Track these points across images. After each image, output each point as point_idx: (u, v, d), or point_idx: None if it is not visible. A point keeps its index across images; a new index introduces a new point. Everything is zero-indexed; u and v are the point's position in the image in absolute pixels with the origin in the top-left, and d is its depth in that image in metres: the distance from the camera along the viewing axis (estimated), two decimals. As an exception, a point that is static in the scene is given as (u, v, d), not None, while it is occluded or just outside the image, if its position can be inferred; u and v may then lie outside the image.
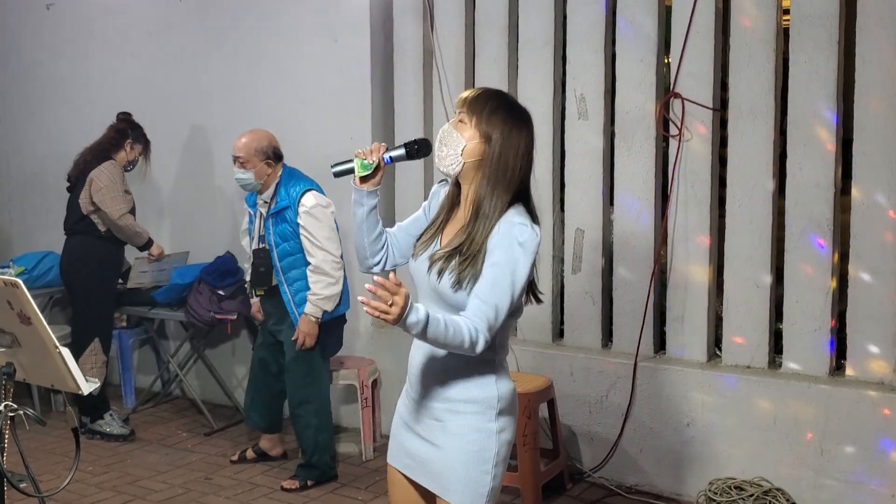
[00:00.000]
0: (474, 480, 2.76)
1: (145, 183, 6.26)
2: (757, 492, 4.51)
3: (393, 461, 2.98)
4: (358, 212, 2.88)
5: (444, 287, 2.71)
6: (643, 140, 5.07)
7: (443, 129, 2.80)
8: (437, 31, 5.66)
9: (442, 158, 2.76)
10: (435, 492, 2.83)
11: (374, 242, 2.92)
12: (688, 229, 4.99)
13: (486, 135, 2.72)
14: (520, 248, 2.68)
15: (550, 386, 5.01)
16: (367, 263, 2.96)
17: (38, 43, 7.31)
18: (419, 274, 2.81)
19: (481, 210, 2.71)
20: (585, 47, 5.20)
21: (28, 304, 2.58)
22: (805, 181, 4.67)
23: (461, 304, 2.68)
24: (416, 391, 2.86)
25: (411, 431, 2.88)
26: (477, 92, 2.80)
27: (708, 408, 4.87)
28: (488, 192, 2.71)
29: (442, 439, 2.79)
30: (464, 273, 2.68)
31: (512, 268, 2.67)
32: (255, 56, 6.26)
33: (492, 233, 2.70)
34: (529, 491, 4.78)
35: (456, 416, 2.78)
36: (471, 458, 2.76)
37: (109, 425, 5.93)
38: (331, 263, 4.95)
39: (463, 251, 2.70)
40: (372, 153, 2.82)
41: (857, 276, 4.59)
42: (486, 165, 2.72)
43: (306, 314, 4.98)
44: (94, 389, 2.81)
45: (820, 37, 4.57)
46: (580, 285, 5.32)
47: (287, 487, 5.10)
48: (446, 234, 2.83)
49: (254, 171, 5.06)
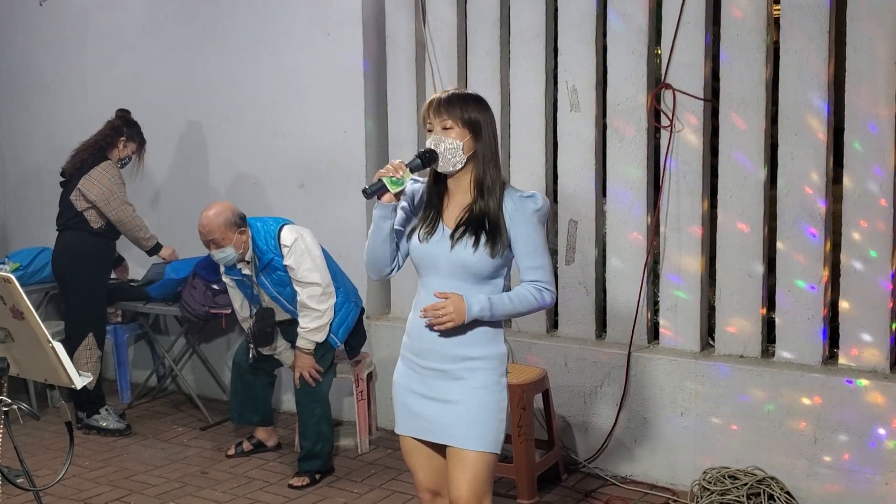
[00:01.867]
0: (493, 427, 3.17)
1: (135, 180, 6.25)
2: (751, 480, 4.52)
3: (406, 430, 3.29)
4: (385, 226, 3.19)
5: (476, 258, 3.10)
6: (635, 131, 5.08)
7: (433, 139, 3.14)
8: (429, 25, 5.66)
9: (445, 162, 3.13)
10: (454, 444, 3.16)
11: (393, 251, 3.26)
12: (680, 219, 5.01)
13: (473, 128, 3.14)
14: (536, 214, 3.15)
15: (545, 377, 5.03)
16: (386, 272, 3.31)
17: (32, 38, 7.30)
18: (437, 255, 3.16)
19: (484, 186, 3.15)
20: (577, 39, 5.20)
21: (20, 299, 2.59)
22: (796, 170, 4.68)
23: (487, 271, 3.13)
24: (433, 360, 3.19)
25: (423, 398, 3.22)
26: (443, 98, 3.16)
27: (701, 397, 4.89)
28: (485, 171, 3.16)
29: (461, 395, 3.16)
30: (497, 244, 3.11)
31: (541, 233, 3.18)
32: (249, 50, 6.26)
33: (503, 205, 3.14)
34: (524, 482, 4.80)
35: (476, 372, 3.17)
36: (489, 407, 3.17)
37: (106, 420, 5.94)
38: (316, 298, 4.99)
39: (487, 225, 3.11)
40: (397, 170, 3.09)
41: (850, 264, 4.61)
42: (479, 151, 3.15)
43: (299, 348, 5.04)
44: (88, 383, 2.82)
45: (811, 26, 4.58)
46: (574, 276, 5.34)
47: (296, 485, 5.09)
48: (447, 218, 3.20)
49: (231, 244, 5.04)
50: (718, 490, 4.52)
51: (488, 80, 5.47)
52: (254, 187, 6.33)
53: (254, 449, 5.54)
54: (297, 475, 5.14)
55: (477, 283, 3.15)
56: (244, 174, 6.37)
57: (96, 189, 5.75)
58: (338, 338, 5.14)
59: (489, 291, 3.16)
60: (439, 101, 3.16)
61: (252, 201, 6.31)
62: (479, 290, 3.14)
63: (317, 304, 5.00)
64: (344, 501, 4.91)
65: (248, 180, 6.34)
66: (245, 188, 6.34)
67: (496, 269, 3.16)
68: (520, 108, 5.42)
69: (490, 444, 3.17)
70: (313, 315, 5.02)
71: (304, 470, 5.15)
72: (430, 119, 3.16)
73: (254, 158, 6.32)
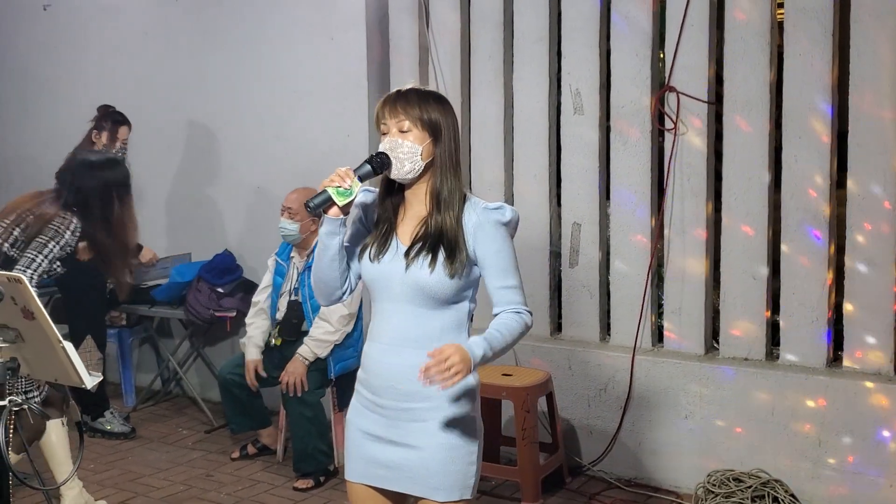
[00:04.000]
0: (462, 474, 2.80)
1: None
2: (755, 483, 4.52)
3: (359, 478, 2.90)
4: (332, 243, 2.81)
5: (434, 279, 2.74)
6: (639, 134, 5.09)
7: (388, 143, 2.77)
8: (432, 28, 5.68)
9: (400, 168, 2.76)
10: (418, 495, 2.82)
11: (343, 272, 2.88)
12: (684, 222, 5.01)
13: (433, 130, 2.77)
14: (505, 228, 2.80)
15: (549, 380, 5.04)
16: (336, 295, 2.92)
17: (34, 43, 7.32)
18: (391, 276, 2.79)
19: (441, 199, 2.78)
20: (580, 42, 5.22)
21: (31, 299, 2.60)
22: (800, 173, 4.69)
23: (444, 294, 2.76)
24: (390, 398, 2.81)
25: (381, 441, 2.84)
26: (398, 96, 2.80)
27: (706, 400, 4.90)
28: (443, 180, 2.79)
29: (424, 439, 2.79)
30: (456, 263, 2.74)
31: (511, 249, 2.82)
32: (252, 54, 6.27)
33: (462, 220, 2.78)
34: (529, 485, 4.80)
35: (439, 412, 2.78)
36: (456, 452, 2.79)
37: (110, 423, 5.94)
38: (339, 317, 5.07)
39: (444, 242, 2.75)
40: (344, 178, 2.73)
41: (854, 267, 4.61)
42: (438, 158, 2.79)
43: (298, 354, 5.09)
44: (94, 385, 2.83)
45: (815, 30, 4.59)
46: (577, 279, 5.35)
47: (301, 487, 5.10)
48: (402, 233, 2.84)
49: (300, 224, 5.19)
50: (723, 493, 4.52)
51: (492, 84, 5.48)
52: (256, 192, 6.33)
53: (258, 452, 5.54)
54: (301, 478, 5.14)
55: (437, 307, 2.76)
56: (246, 178, 6.38)
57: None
58: (333, 369, 5.17)
59: (453, 317, 2.79)
60: (395, 99, 2.78)
61: (254, 205, 6.33)
62: (440, 317, 2.77)
63: (335, 322, 5.08)
64: None
65: (250, 184, 6.35)
66: (247, 192, 6.35)
67: (457, 293, 2.78)
68: (523, 112, 5.43)
69: (459, 493, 2.80)
70: (326, 328, 5.09)
71: (301, 471, 5.17)
72: (385, 119, 2.77)
73: (256, 162, 6.33)
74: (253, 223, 6.33)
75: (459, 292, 2.79)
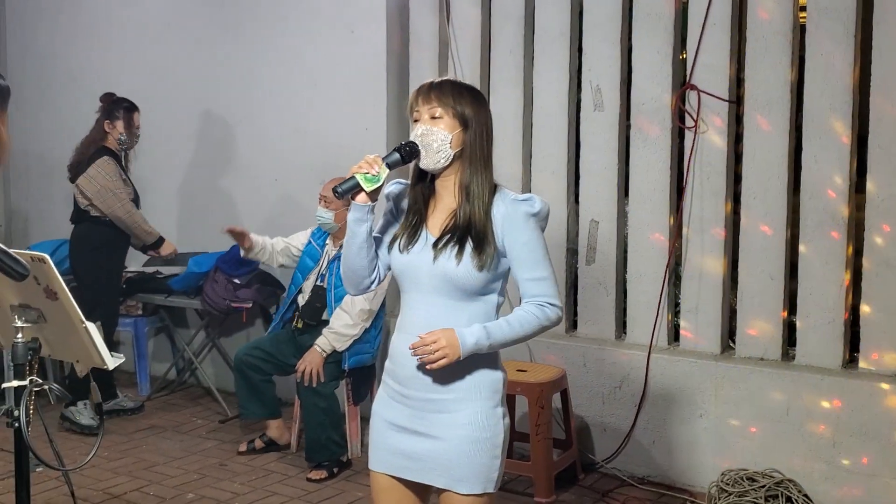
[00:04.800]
0: (486, 467, 2.80)
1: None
2: (769, 483, 4.51)
3: (382, 468, 2.91)
4: (360, 230, 2.82)
5: (462, 271, 2.74)
6: (658, 132, 5.08)
7: (420, 131, 2.79)
8: (452, 23, 5.68)
9: (430, 157, 2.77)
10: (441, 486, 2.82)
11: (371, 260, 2.90)
12: (703, 221, 5.01)
13: (464, 120, 2.79)
14: (534, 219, 2.81)
15: (563, 376, 5.04)
16: (365, 284, 2.93)
17: (55, 32, 7.36)
18: (419, 267, 2.81)
19: (470, 191, 2.79)
20: (601, 39, 5.21)
21: (55, 278, 2.61)
22: (820, 174, 4.68)
23: (475, 286, 2.77)
24: (415, 389, 2.82)
25: (405, 432, 2.84)
26: (432, 85, 2.81)
27: (721, 399, 4.89)
28: (473, 172, 2.79)
29: (449, 431, 2.79)
30: (484, 255, 2.75)
31: (541, 240, 2.83)
32: (272, 47, 6.29)
33: (492, 213, 2.78)
34: (542, 480, 4.81)
35: (465, 403, 2.79)
36: (481, 445, 2.79)
37: (80, 413, 5.85)
38: (359, 310, 5.12)
39: (472, 234, 2.76)
40: (372, 165, 2.74)
41: (872, 269, 4.60)
42: (468, 149, 2.79)
43: (316, 345, 5.12)
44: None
45: (837, 30, 4.58)
46: (594, 276, 5.34)
47: (315, 478, 5.11)
48: (432, 225, 2.85)
49: (335, 213, 5.24)
50: (736, 492, 4.51)
51: (512, 79, 5.49)
52: (274, 184, 6.35)
53: (265, 447, 5.54)
54: (315, 469, 5.16)
55: (464, 299, 2.78)
56: (265, 170, 6.39)
57: (91, 187, 5.79)
58: (347, 360, 5.20)
59: (481, 310, 2.80)
60: (430, 88, 2.80)
61: (271, 197, 6.35)
62: (468, 308, 2.78)
63: (355, 315, 5.12)
64: (362, 495, 4.92)
65: (268, 177, 6.36)
66: (265, 184, 6.37)
67: (486, 285, 2.79)
68: (543, 108, 5.43)
69: (481, 486, 2.80)
70: (346, 320, 5.13)
71: (313, 461, 5.18)
72: (418, 107, 2.80)
73: (274, 155, 6.34)
74: (270, 215, 6.34)
75: (487, 284, 2.79)
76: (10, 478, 2.89)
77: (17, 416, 2.69)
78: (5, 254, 2.35)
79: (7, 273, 2.36)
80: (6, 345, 2.80)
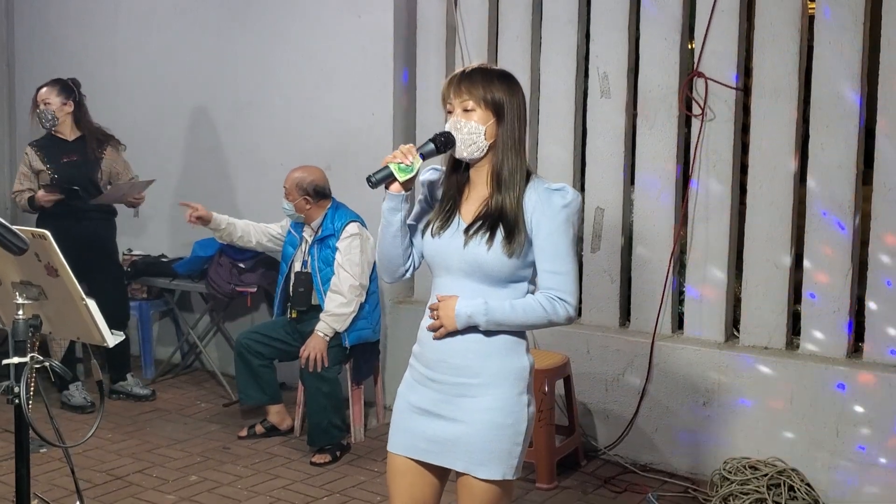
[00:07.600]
0: (506, 453, 2.79)
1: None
2: (771, 472, 4.50)
3: (401, 450, 2.90)
4: (394, 219, 2.84)
5: (491, 256, 2.75)
6: (665, 119, 5.06)
7: (452, 123, 2.79)
8: (460, 8, 5.67)
9: (465, 148, 2.78)
10: (460, 469, 2.81)
11: (406, 248, 2.92)
12: (708, 209, 4.99)
13: (497, 110, 2.78)
14: (564, 210, 2.77)
15: (567, 363, 5.03)
16: (400, 272, 2.96)
17: (63, 17, 7.35)
18: (450, 252, 2.82)
19: (502, 179, 2.79)
20: (609, 25, 5.19)
21: (56, 255, 2.61)
22: (827, 162, 4.66)
23: (501, 272, 2.77)
24: (442, 372, 2.83)
25: (429, 415, 2.84)
26: (462, 76, 2.80)
27: (724, 388, 4.88)
28: (504, 160, 2.79)
29: (472, 415, 2.79)
30: (514, 243, 2.75)
31: (567, 233, 2.78)
32: (280, 32, 6.28)
33: (524, 201, 2.78)
34: (544, 466, 4.81)
35: (490, 389, 2.79)
36: (504, 431, 2.79)
37: (72, 396, 5.91)
38: (349, 287, 5.16)
39: (504, 221, 2.76)
40: (406, 155, 2.76)
41: (877, 258, 4.58)
42: (500, 137, 2.79)
43: (317, 331, 5.15)
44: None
45: (845, 18, 4.56)
46: (599, 264, 5.33)
47: (318, 462, 5.12)
48: (465, 212, 2.85)
49: (293, 203, 5.35)
50: (738, 480, 4.50)
51: (518, 65, 5.46)
52: (281, 168, 6.33)
53: (266, 433, 5.54)
54: (318, 453, 5.16)
55: (494, 285, 2.78)
56: (271, 156, 6.39)
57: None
58: (348, 337, 5.23)
59: (510, 296, 2.79)
60: (460, 78, 2.79)
61: (278, 183, 6.32)
62: (497, 294, 2.78)
63: (347, 291, 5.16)
64: (364, 479, 4.93)
65: (274, 162, 6.35)
66: (272, 170, 6.35)
67: (515, 271, 2.78)
68: (550, 94, 5.41)
69: (501, 472, 2.78)
70: (339, 300, 5.15)
71: (315, 445, 5.20)
72: (450, 99, 2.80)
73: (281, 140, 6.34)
74: (277, 200, 6.30)
75: (517, 271, 2.80)
76: (13, 459, 2.90)
77: (18, 393, 2.70)
78: (5, 227, 2.35)
79: (6, 247, 2.36)
80: (7, 321, 2.81)
